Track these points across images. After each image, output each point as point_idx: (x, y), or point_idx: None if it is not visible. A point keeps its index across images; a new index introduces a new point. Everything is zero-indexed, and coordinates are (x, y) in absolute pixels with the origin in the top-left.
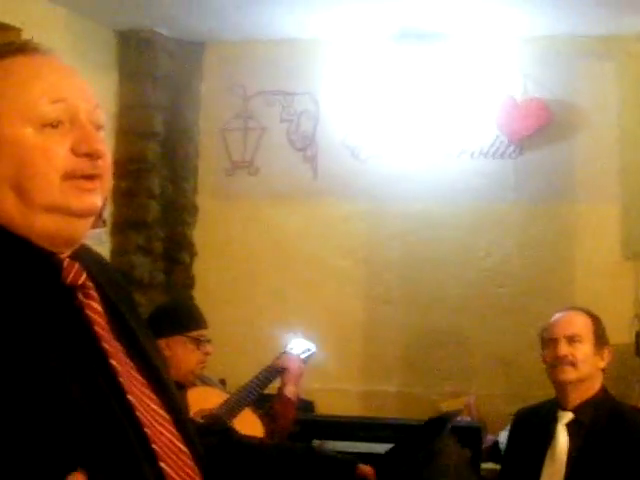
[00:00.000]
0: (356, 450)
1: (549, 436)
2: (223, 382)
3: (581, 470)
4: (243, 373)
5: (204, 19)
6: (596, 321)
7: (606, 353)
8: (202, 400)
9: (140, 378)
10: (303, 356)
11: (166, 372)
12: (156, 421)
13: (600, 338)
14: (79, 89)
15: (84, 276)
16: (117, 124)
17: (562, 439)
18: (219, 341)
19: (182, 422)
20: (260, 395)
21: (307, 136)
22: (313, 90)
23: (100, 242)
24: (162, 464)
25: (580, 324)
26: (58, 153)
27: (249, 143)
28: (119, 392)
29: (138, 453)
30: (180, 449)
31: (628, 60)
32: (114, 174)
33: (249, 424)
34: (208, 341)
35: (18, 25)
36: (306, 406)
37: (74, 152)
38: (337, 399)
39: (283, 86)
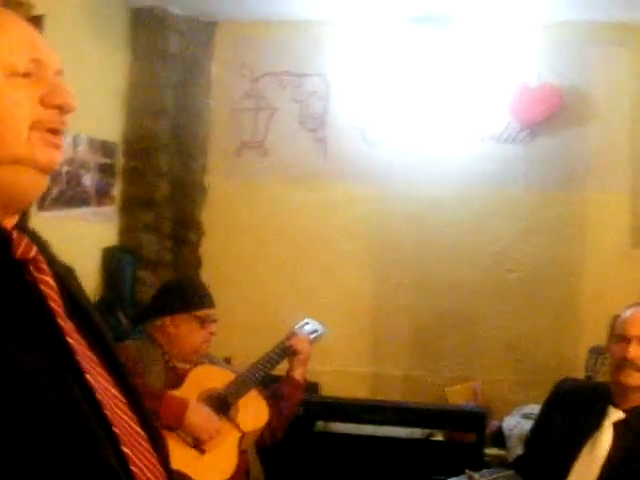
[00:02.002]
0: (360, 432)
1: (593, 428)
2: (228, 361)
3: (619, 473)
4: (250, 353)
5: None
6: None
7: None
8: (208, 379)
9: (94, 357)
10: (312, 337)
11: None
12: (114, 403)
13: None
14: (49, 50)
15: (35, 249)
16: (127, 101)
17: (607, 436)
18: (226, 321)
19: (137, 404)
20: (267, 375)
21: (317, 117)
22: (324, 71)
23: (108, 220)
24: (124, 448)
25: None
26: (26, 102)
27: (259, 123)
28: (77, 371)
29: (101, 436)
30: (138, 432)
31: None
32: (123, 152)
33: (255, 405)
34: (214, 321)
35: (31, 0)
36: (311, 387)
37: (43, 103)
38: (343, 381)
39: (294, 67)
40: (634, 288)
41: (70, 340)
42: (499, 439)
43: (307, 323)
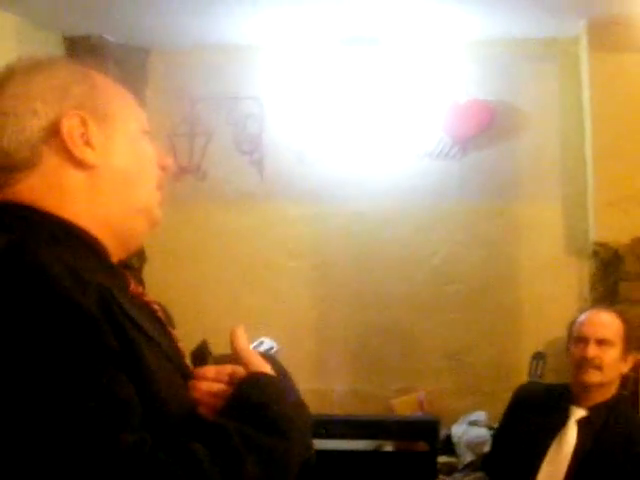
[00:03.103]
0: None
1: (557, 427)
2: None
3: (586, 470)
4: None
5: (149, 25)
6: (628, 325)
7: (630, 359)
8: None
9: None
10: (266, 355)
11: None
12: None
13: (629, 343)
14: None
15: (140, 288)
16: None
17: (571, 435)
18: None
19: None
20: None
21: (253, 140)
22: (258, 94)
23: None
24: None
25: (612, 328)
26: (154, 160)
27: (196, 148)
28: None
29: None
30: None
31: (567, 62)
32: None
33: None
34: None
35: None
36: None
37: (160, 163)
38: None
39: (228, 91)
40: (570, 295)
41: (180, 345)
42: (448, 447)
43: (262, 342)
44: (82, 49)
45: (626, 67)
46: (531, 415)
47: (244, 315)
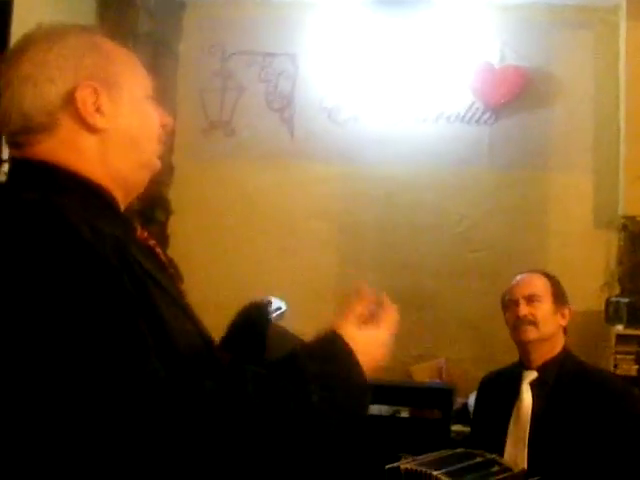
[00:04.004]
0: None
1: (514, 396)
2: None
3: (545, 427)
4: (215, 330)
5: None
6: (553, 281)
7: (567, 312)
8: None
9: None
10: (275, 314)
11: None
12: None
13: (559, 297)
14: None
15: (145, 233)
16: None
17: (527, 398)
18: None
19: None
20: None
21: (285, 97)
22: (292, 51)
23: None
24: None
25: (538, 284)
26: (157, 121)
27: (226, 103)
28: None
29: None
30: None
31: (604, 31)
32: None
33: None
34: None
35: None
36: None
37: (161, 121)
38: None
39: (262, 47)
40: (597, 268)
41: (181, 287)
42: (464, 415)
43: (270, 301)
44: (114, 0)
45: None
46: (493, 396)
47: (266, 273)
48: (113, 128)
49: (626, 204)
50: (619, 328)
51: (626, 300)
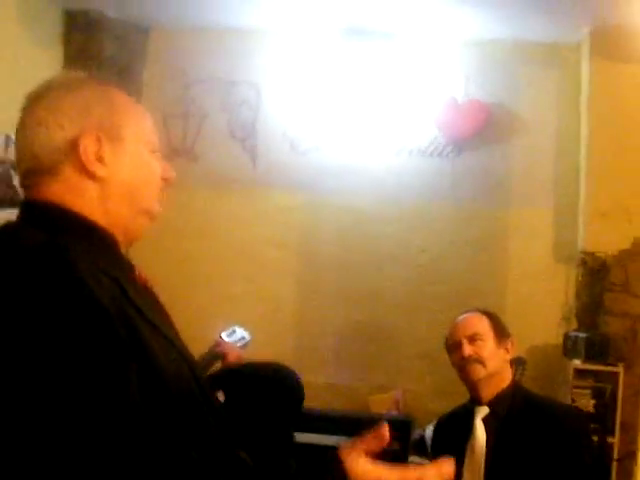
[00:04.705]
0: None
1: (468, 433)
2: None
3: (499, 460)
4: None
5: (150, 4)
6: (492, 317)
7: (509, 345)
8: None
9: None
10: (239, 344)
11: None
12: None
13: (500, 332)
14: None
15: (142, 273)
16: None
17: (480, 433)
18: None
19: None
20: None
21: (247, 126)
22: (255, 80)
23: None
24: None
25: (478, 323)
26: (158, 173)
27: (190, 130)
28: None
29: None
30: None
31: (567, 68)
32: None
33: None
34: None
35: None
36: None
37: (163, 175)
38: None
39: (225, 75)
40: (555, 303)
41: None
42: (421, 447)
43: (234, 331)
44: (81, 24)
45: (626, 78)
46: (447, 437)
47: (225, 301)
48: (113, 177)
49: (585, 240)
50: (577, 362)
51: (584, 335)
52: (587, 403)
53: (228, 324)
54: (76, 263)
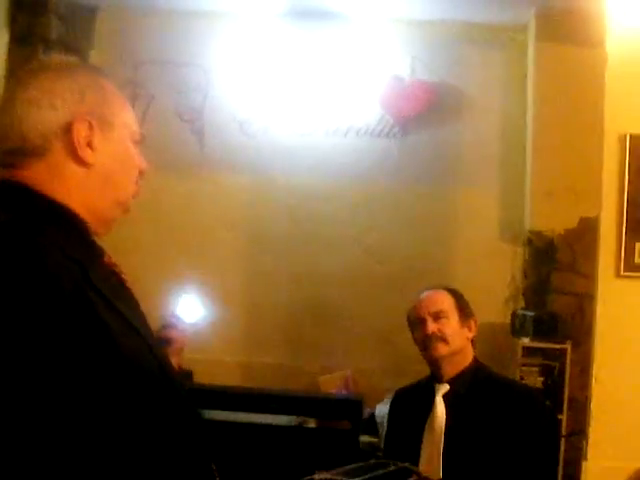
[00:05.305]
0: (234, 420)
1: (427, 410)
2: None
3: (458, 438)
4: None
5: None
6: (457, 295)
7: (472, 324)
8: None
9: None
10: (184, 326)
11: None
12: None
13: (464, 310)
14: None
15: (112, 258)
16: (5, 86)
17: (440, 410)
18: None
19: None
20: None
21: (195, 108)
22: (204, 62)
23: None
24: None
25: (443, 300)
26: (137, 165)
27: (136, 112)
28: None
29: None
30: None
31: (513, 49)
32: None
33: None
34: None
35: None
36: (185, 375)
37: (140, 167)
38: (217, 370)
39: (174, 57)
40: (502, 282)
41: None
42: (371, 426)
43: (179, 313)
44: (27, 5)
45: (572, 59)
46: (406, 411)
47: (175, 284)
48: (99, 164)
49: (532, 219)
50: (525, 341)
51: (532, 313)
52: (535, 380)
53: (175, 306)
54: (34, 242)
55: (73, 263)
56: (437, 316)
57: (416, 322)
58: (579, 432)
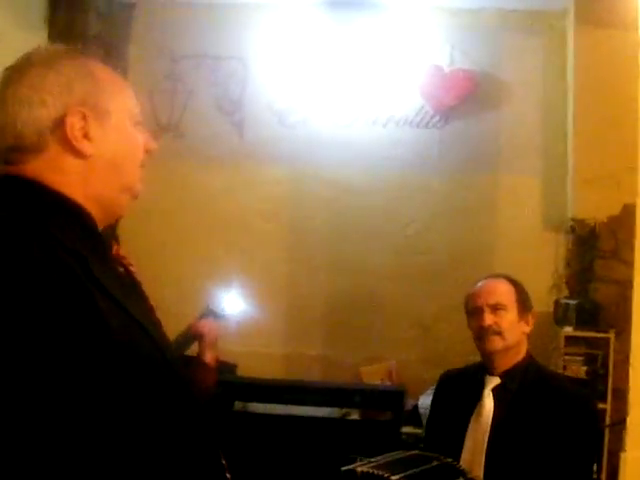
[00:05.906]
0: (278, 412)
1: (475, 400)
2: None
3: (505, 435)
4: (169, 334)
5: None
6: (518, 287)
7: (530, 318)
8: None
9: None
10: (218, 319)
11: None
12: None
13: (523, 304)
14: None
15: (121, 251)
16: None
17: (488, 404)
18: None
19: None
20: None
21: (234, 100)
22: (242, 55)
23: None
24: None
25: (503, 292)
26: (141, 146)
27: (176, 106)
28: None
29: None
30: None
31: (553, 36)
32: None
33: None
34: None
35: None
36: (229, 368)
37: (146, 147)
38: (260, 362)
39: (212, 50)
40: (545, 270)
41: (152, 303)
42: (414, 417)
43: (214, 305)
44: (65, 2)
45: (611, 44)
46: (453, 397)
47: (217, 274)
48: (99, 154)
49: (575, 207)
50: (568, 330)
51: (575, 302)
52: (578, 370)
53: (212, 298)
54: (29, 236)
55: (72, 256)
56: (495, 308)
57: (473, 311)
58: (622, 422)
